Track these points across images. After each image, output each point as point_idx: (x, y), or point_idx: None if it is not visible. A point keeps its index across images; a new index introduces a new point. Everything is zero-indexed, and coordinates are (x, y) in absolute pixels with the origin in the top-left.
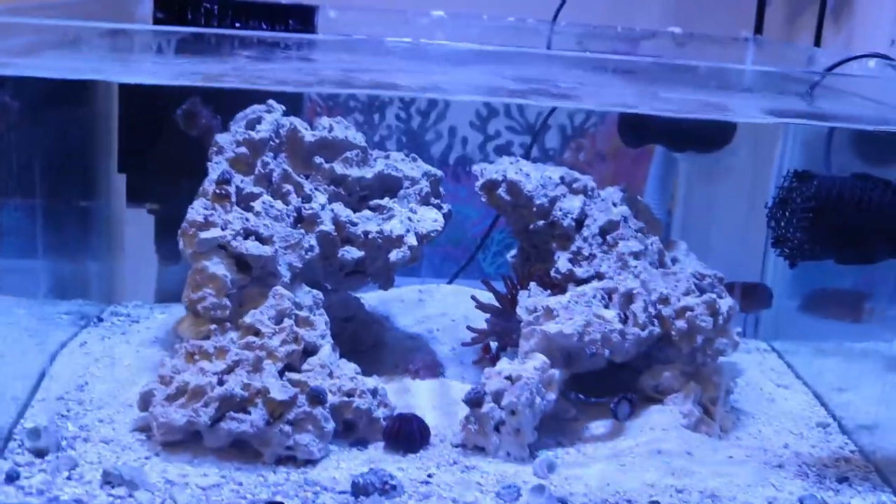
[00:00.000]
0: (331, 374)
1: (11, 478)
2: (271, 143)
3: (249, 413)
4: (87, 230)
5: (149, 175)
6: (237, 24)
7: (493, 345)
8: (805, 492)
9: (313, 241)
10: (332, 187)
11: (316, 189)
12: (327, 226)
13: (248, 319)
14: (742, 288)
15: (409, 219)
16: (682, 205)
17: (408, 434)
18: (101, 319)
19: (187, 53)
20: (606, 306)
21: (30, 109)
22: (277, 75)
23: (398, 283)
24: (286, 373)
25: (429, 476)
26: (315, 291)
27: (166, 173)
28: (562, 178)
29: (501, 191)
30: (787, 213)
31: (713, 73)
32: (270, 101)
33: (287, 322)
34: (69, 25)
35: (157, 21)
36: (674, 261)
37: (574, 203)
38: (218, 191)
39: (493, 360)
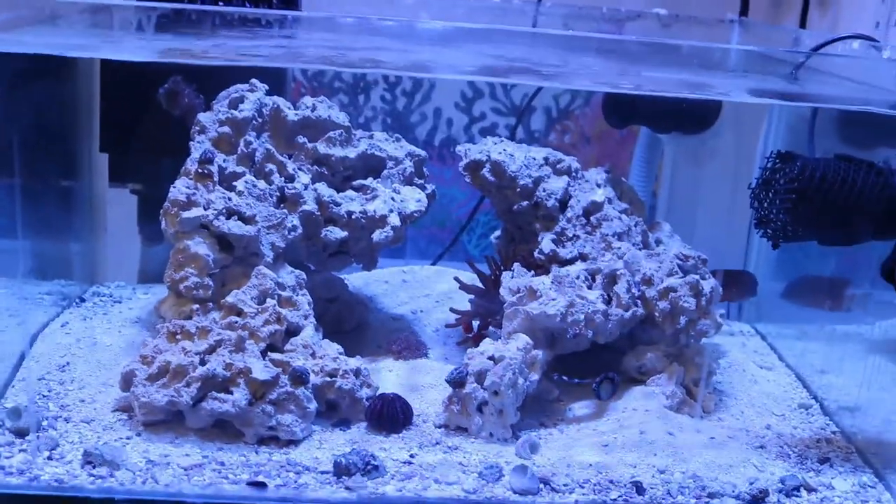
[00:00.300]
0: (313, 355)
1: None
2: (254, 122)
3: (231, 393)
4: (69, 210)
5: (131, 155)
6: (221, 3)
7: (475, 323)
8: (787, 472)
9: (296, 221)
10: (316, 167)
11: (299, 169)
12: (310, 206)
13: (230, 299)
14: (726, 275)
15: (393, 199)
16: (667, 186)
17: (390, 414)
18: (83, 300)
19: (169, 31)
20: (590, 287)
21: (8, 87)
22: (261, 53)
23: (383, 264)
24: (269, 353)
25: (411, 456)
26: (298, 272)
27: (149, 153)
28: (546, 159)
29: (485, 171)
30: (770, 195)
31: (697, 54)
32: (253, 81)
33: (269, 302)
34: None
35: None
36: (657, 242)
37: (558, 184)
38: (200, 170)
39: (476, 339)
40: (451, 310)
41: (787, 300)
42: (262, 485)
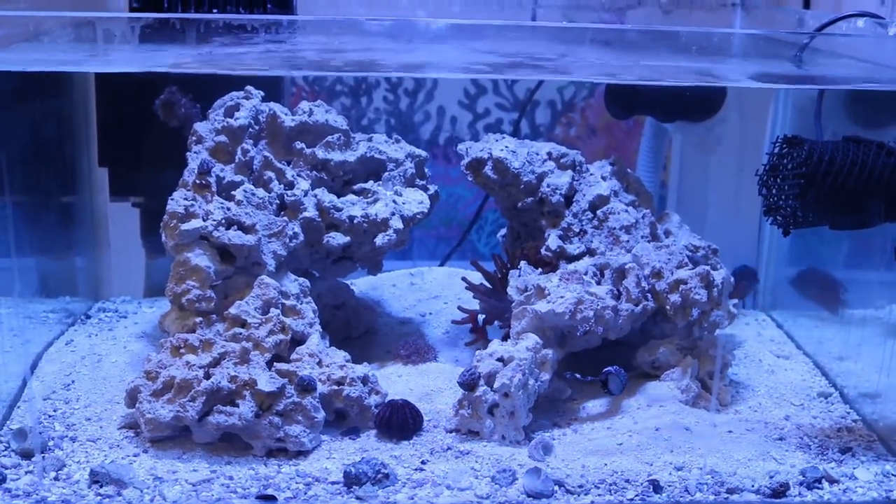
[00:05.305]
0: (320, 363)
1: None
2: (251, 129)
3: (237, 406)
4: (71, 227)
5: (131, 168)
6: (215, 11)
7: (480, 317)
8: (807, 464)
9: (297, 229)
10: (315, 173)
11: (298, 175)
12: (311, 212)
13: (233, 311)
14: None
15: (395, 201)
16: (676, 176)
17: (400, 421)
18: (88, 316)
19: (156, 41)
20: (598, 282)
21: (3, 104)
22: (256, 60)
23: (390, 266)
24: (274, 363)
25: (423, 463)
26: (301, 279)
27: (149, 165)
28: (549, 154)
29: (488, 169)
30: (778, 181)
31: (698, 39)
32: (248, 88)
33: (273, 312)
34: (48, 16)
35: (133, 10)
36: (666, 233)
37: (562, 179)
38: (198, 181)
39: (480, 332)
40: (460, 308)
41: (793, 287)
42: (271, 498)
